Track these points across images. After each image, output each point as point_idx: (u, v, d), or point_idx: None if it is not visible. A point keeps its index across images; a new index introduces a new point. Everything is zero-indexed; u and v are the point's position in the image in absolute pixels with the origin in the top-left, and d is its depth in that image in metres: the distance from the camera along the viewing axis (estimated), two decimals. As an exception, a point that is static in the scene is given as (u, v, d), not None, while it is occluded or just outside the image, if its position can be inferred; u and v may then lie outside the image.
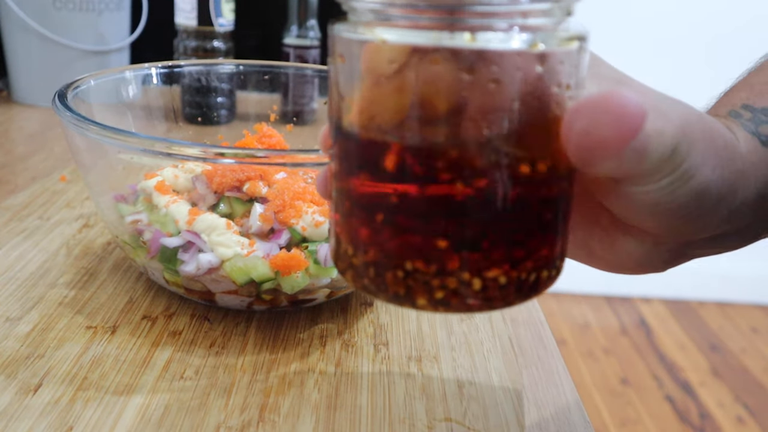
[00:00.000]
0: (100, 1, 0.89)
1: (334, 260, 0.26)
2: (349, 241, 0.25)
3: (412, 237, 0.23)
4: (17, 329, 0.39)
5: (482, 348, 0.42)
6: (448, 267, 0.23)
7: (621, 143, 0.22)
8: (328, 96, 0.25)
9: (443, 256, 0.22)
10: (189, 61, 0.58)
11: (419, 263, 0.23)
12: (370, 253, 0.24)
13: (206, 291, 0.41)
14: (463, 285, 0.23)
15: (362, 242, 0.24)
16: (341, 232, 0.25)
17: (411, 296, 0.23)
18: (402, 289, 0.23)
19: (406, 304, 0.24)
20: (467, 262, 0.22)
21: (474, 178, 0.22)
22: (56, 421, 0.32)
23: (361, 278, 0.24)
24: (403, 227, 0.23)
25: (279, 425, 0.34)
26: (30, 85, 0.91)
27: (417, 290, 0.23)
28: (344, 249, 0.25)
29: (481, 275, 0.23)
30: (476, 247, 0.22)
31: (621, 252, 0.29)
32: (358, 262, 0.24)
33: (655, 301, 2.09)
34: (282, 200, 0.42)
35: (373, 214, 0.23)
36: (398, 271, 0.23)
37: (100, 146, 0.40)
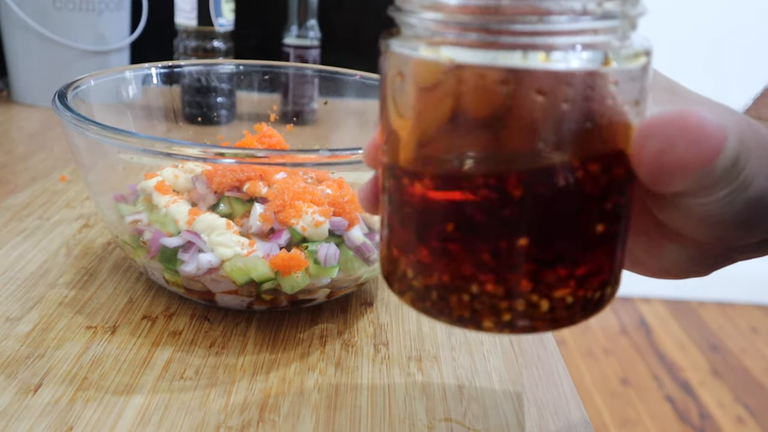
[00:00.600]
0: (100, 1, 0.89)
1: (389, 281, 0.26)
2: (408, 263, 0.24)
3: (480, 259, 0.22)
4: (17, 329, 0.39)
5: (482, 348, 0.42)
6: (518, 289, 0.22)
7: (699, 165, 0.21)
8: (381, 112, 0.24)
9: (513, 278, 0.22)
10: (189, 61, 0.58)
11: (488, 286, 0.22)
12: (434, 277, 0.23)
13: (206, 291, 0.41)
14: (531, 307, 0.23)
15: (424, 264, 0.23)
16: (398, 254, 0.25)
17: (477, 319, 0.23)
18: (467, 312, 0.23)
19: (471, 326, 0.23)
20: (537, 284, 0.22)
21: (546, 199, 0.21)
22: (56, 421, 0.32)
23: (422, 301, 0.24)
24: (471, 249, 0.22)
25: (279, 425, 0.34)
26: (30, 85, 0.91)
27: (483, 313, 0.23)
28: (402, 271, 0.25)
29: (550, 296, 0.23)
30: (546, 267, 0.22)
31: (666, 259, 0.29)
32: (419, 285, 0.24)
33: (655, 301, 2.09)
34: (282, 200, 0.42)
35: (438, 236, 0.23)
36: (464, 294, 0.23)
37: (100, 146, 0.40)
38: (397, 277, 0.25)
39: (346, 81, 0.56)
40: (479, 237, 0.22)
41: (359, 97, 0.56)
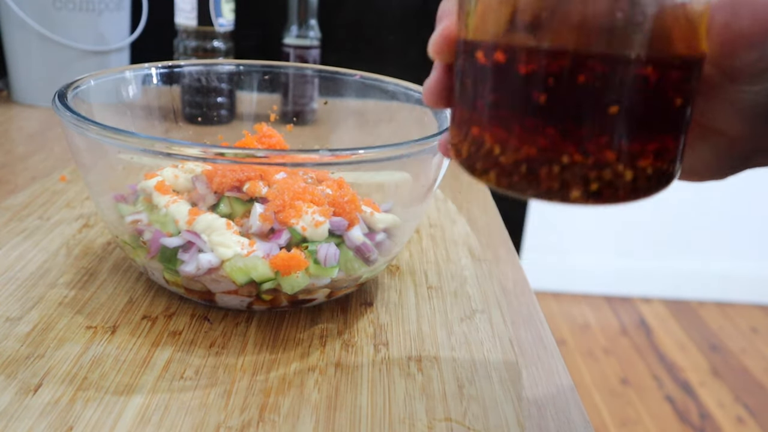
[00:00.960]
0: (100, 1, 0.89)
1: (469, 163, 0.27)
2: (494, 140, 0.26)
3: (573, 131, 0.24)
4: (17, 329, 0.39)
5: (482, 348, 0.42)
6: (606, 158, 0.24)
7: (762, 35, 0.23)
8: None
9: (602, 149, 0.24)
10: (189, 61, 0.58)
11: (578, 156, 0.24)
12: (523, 150, 0.25)
13: (206, 291, 0.41)
14: (617, 176, 0.25)
15: (514, 139, 0.25)
16: (482, 133, 0.26)
17: (565, 190, 0.25)
18: (556, 183, 0.25)
19: (557, 198, 0.25)
20: (623, 154, 0.24)
21: (627, 73, 0.23)
22: (56, 421, 0.32)
23: (509, 176, 0.26)
24: (563, 122, 0.24)
25: (279, 425, 0.34)
26: (30, 85, 0.91)
27: (572, 183, 0.25)
28: (487, 149, 0.26)
29: (634, 166, 0.25)
30: (632, 138, 0.24)
31: (695, 157, 0.31)
32: (506, 161, 0.26)
33: (655, 301, 2.08)
34: (282, 200, 0.42)
35: (532, 111, 0.24)
36: (555, 165, 0.25)
37: (100, 146, 0.40)
38: (481, 156, 0.27)
39: (346, 81, 0.56)
40: (572, 110, 0.24)
41: (359, 97, 0.56)
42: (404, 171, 0.44)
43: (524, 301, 0.50)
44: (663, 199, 2.13)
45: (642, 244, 2.06)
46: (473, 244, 0.57)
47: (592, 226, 2.04)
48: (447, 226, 0.60)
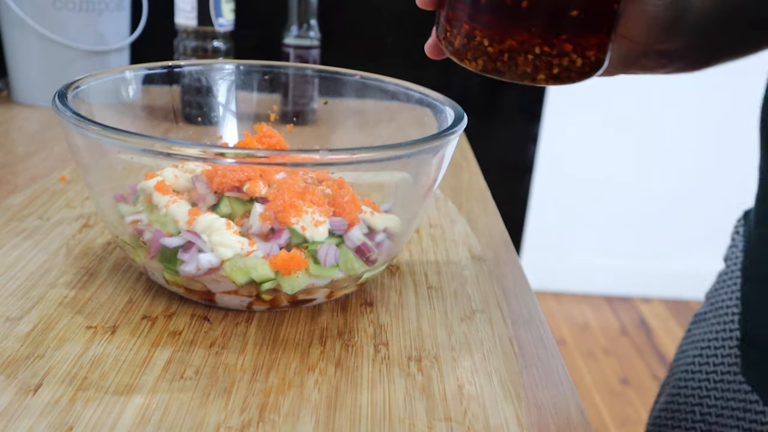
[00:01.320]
0: (100, 1, 0.89)
1: (461, 52, 0.36)
2: (484, 34, 0.35)
3: (543, 29, 0.34)
4: (17, 329, 0.39)
5: (482, 348, 0.42)
6: (565, 50, 0.34)
7: None
8: None
9: (563, 43, 0.34)
10: (189, 61, 0.58)
11: (546, 48, 0.34)
12: (507, 43, 0.34)
13: (206, 291, 0.41)
14: (572, 63, 0.35)
15: (500, 34, 0.34)
16: (473, 26, 0.35)
17: (534, 73, 0.35)
18: (530, 68, 0.34)
19: (527, 79, 0.35)
20: (578, 46, 0.34)
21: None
22: (56, 421, 0.32)
23: (495, 62, 0.35)
24: (538, 21, 0.33)
25: (279, 425, 0.34)
26: (30, 85, 0.91)
27: (540, 68, 0.35)
28: (478, 42, 0.35)
29: (584, 55, 0.35)
30: (584, 34, 0.34)
31: None
32: (493, 50, 0.35)
33: (655, 301, 2.09)
34: (282, 200, 0.42)
35: (514, 14, 0.33)
36: (529, 55, 0.34)
37: (100, 146, 0.40)
38: (472, 47, 0.35)
39: (346, 81, 0.56)
40: (545, 13, 0.33)
41: (359, 97, 0.56)
42: (404, 171, 0.44)
43: (524, 301, 0.50)
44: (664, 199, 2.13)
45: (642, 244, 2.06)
46: (473, 244, 0.57)
47: (592, 226, 2.04)
48: (447, 226, 0.60)
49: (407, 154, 0.39)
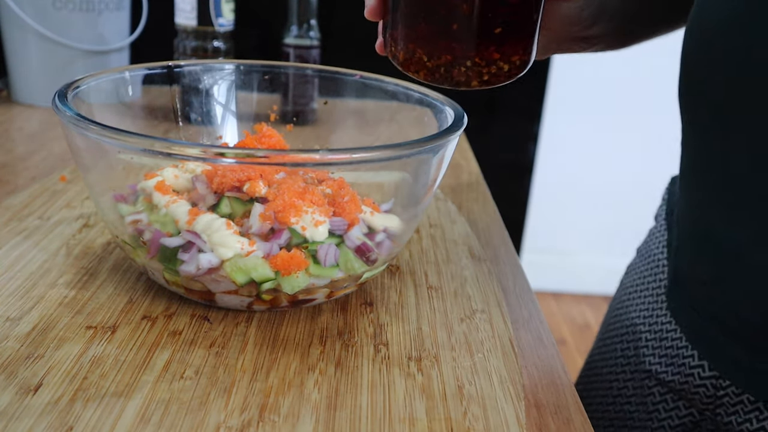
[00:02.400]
0: (100, 1, 0.89)
1: (406, 65, 0.41)
2: (423, 51, 0.40)
3: (474, 44, 0.38)
4: (17, 329, 0.39)
5: (482, 348, 0.42)
6: (494, 59, 0.39)
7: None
8: None
9: (492, 54, 0.39)
10: (189, 61, 0.58)
11: (477, 60, 0.39)
12: (443, 58, 0.39)
13: (206, 291, 0.41)
14: (500, 69, 0.40)
15: (437, 51, 0.39)
16: (414, 45, 0.40)
17: (468, 81, 0.40)
18: (463, 78, 0.40)
19: (462, 86, 0.40)
20: (504, 55, 0.39)
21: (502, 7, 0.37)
22: (56, 421, 0.32)
23: (433, 74, 0.40)
24: (468, 38, 0.38)
25: (279, 425, 0.34)
26: (30, 85, 0.91)
27: (473, 77, 0.40)
28: (418, 57, 0.40)
29: (510, 61, 0.40)
30: (510, 45, 0.39)
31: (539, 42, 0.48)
32: (432, 65, 0.40)
33: (655, 301, 2.08)
34: (282, 200, 0.42)
35: (448, 34, 0.38)
36: (462, 67, 0.39)
37: (100, 146, 0.40)
38: (413, 61, 0.40)
39: (346, 81, 0.56)
40: (475, 32, 0.38)
41: (359, 97, 0.56)
42: (404, 171, 0.44)
43: (524, 301, 0.50)
44: (663, 199, 2.10)
45: (642, 244, 2.06)
46: (473, 244, 0.57)
47: (592, 226, 2.04)
48: (447, 226, 0.60)
49: (407, 154, 0.39)
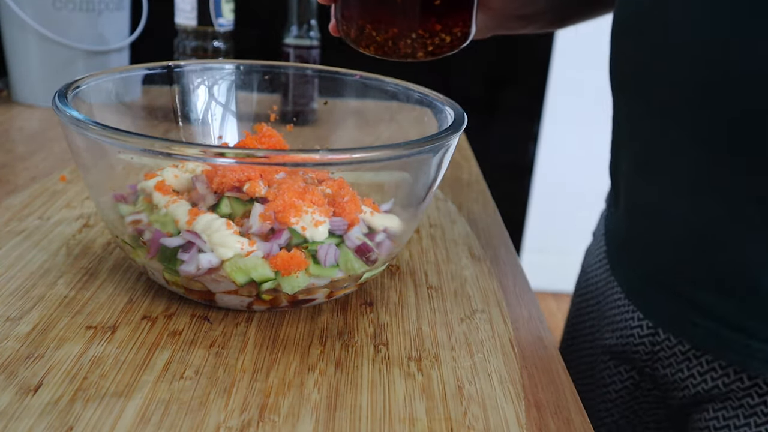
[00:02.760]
0: (100, 1, 0.89)
1: (357, 41, 0.45)
2: (372, 27, 0.44)
3: (417, 17, 0.42)
4: (17, 329, 0.39)
5: (482, 348, 0.42)
6: (436, 31, 0.43)
7: None
8: None
9: (434, 25, 0.43)
10: (189, 61, 0.58)
11: (421, 32, 0.43)
12: (390, 32, 0.43)
13: (206, 291, 0.41)
14: (442, 40, 0.44)
15: (384, 26, 0.43)
16: (364, 21, 0.44)
17: (414, 53, 0.44)
18: (410, 49, 0.44)
19: (410, 58, 0.44)
20: (446, 27, 0.43)
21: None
22: (56, 421, 0.32)
23: (382, 48, 0.44)
24: (411, 13, 0.42)
25: (279, 425, 0.34)
26: (30, 85, 0.91)
27: (419, 48, 0.44)
28: (368, 33, 0.44)
29: (452, 32, 0.44)
30: (450, 17, 0.43)
31: (479, 21, 0.52)
32: (380, 39, 0.44)
33: (655, 301, 2.08)
34: (282, 200, 0.42)
35: (394, 10, 0.42)
36: (408, 39, 0.43)
37: (100, 146, 0.40)
38: (364, 37, 0.44)
39: (346, 81, 0.56)
40: (414, 4, 0.42)
41: (359, 97, 0.56)
42: (404, 171, 0.44)
43: (524, 301, 0.50)
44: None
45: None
46: (473, 244, 0.57)
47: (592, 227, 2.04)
48: (447, 226, 0.60)
49: (407, 154, 0.39)
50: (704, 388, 0.51)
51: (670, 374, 0.54)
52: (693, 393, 0.52)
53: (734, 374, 0.49)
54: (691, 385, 0.53)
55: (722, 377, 0.50)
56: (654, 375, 0.57)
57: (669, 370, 0.54)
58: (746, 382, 0.49)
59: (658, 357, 0.55)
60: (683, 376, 0.53)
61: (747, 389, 0.49)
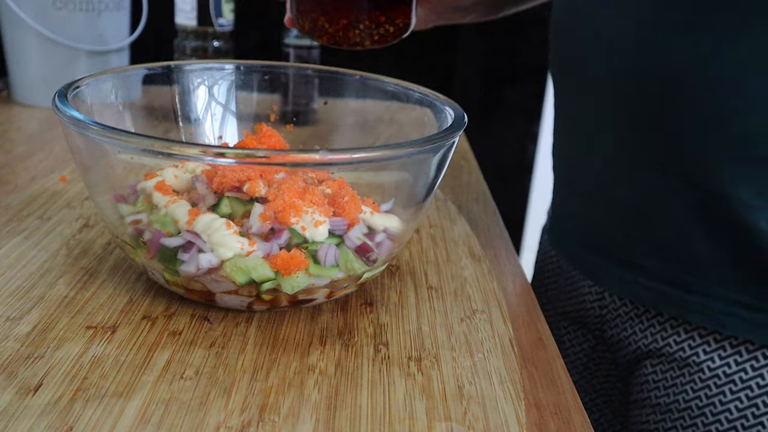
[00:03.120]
0: (100, 1, 0.89)
1: (311, 32, 0.50)
2: (324, 20, 0.49)
3: (364, 9, 0.48)
4: (17, 329, 0.39)
5: (482, 348, 0.42)
6: (381, 22, 0.49)
7: None
8: None
9: (379, 17, 0.48)
10: (189, 61, 0.58)
11: (368, 23, 0.48)
12: (341, 23, 0.49)
13: (206, 291, 0.41)
14: (386, 30, 0.49)
15: (335, 18, 0.48)
16: (317, 15, 0.49)
17: (362, 41, 0.49)
18: (358, 38, 0.49)
19: (359, 46, 0.50)
20: (389, 18, 0.49)
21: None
22: (56, 421, 0.32)
23: (333, 38, 0.49)
24: (361, 8, 0.47)
25: (279, 425, 0.34)
26: (30, 85, 0.91)
27: (366, 38, 0.49)
28: (321, 24, 0.49)
29: (395, 23, 0.49)
30: (393, 10, 0.48)
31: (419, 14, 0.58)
32: (332, 30, 0.49)
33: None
34: (282, 200, 0.42)
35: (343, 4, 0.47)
36: (356, 30, 0.49)
37: (100, 146, 0.40)
38: (317, 28, 0.50)
39: (346, 81, 0.56)
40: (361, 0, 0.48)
41: (359, 97, 0.56)
42: (404, 171, 0.44)
43: (524, 301, 0.50)
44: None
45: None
46: (473, 244, 0.57)
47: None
48: (447, 226, 0.60)
49: (407, 154, 0.39)
50: (645, 344, 0.58)
51: (617, 334, 0.61)
52: (635, 349, 0.59)
53: (671, 329, 0.56)
54: (633, 342, 0.59)
55: (660, 332, 0.56)
56: (603, 336, 0.63)
57: (615, 330, 0.61)
58: (682, 335, 0.55)
59: (606, 319, 0.62)
60: (627, 334, 0.59)
61: (681, 343, 0.55)
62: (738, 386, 0.52)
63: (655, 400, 0.57)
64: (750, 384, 0.52)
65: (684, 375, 0.55)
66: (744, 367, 0.52)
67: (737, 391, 0.52)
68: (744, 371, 0.52)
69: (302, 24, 0.51)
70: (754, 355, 0.52)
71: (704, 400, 0.54)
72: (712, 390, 0.54)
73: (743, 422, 0.52)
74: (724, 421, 0.53)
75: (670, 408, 0.56)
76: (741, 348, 0.52)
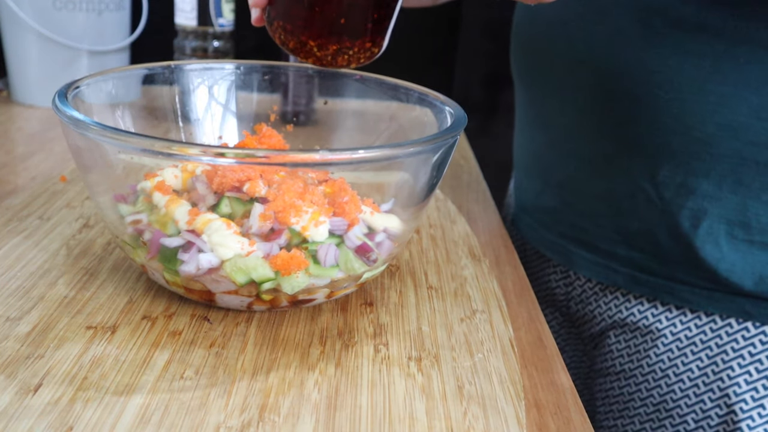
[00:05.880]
0: (100, 1, 0.89)
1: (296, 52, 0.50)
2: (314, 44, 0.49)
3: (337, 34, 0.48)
4: (17, 329, 0.39)
5: (482, 348, 0.42)
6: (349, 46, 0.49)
7: None
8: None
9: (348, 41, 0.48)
10: (189, 61, 0.58)
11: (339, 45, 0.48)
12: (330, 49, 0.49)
13: (206, 291, 0.41)
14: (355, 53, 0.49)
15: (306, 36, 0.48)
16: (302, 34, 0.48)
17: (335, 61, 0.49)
18: (330, 57, 0.49)
19: (331, 65, 0.50)
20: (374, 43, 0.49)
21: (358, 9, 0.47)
22: (56, 421, 0.32)
23: (320, 61, 0.49)
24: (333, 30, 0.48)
25: (279, 425, 0.34)
26: (30, 85, 0.91)
27: (353, 60, 0.50)
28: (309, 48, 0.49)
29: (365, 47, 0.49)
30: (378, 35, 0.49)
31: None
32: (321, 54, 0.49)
33: (655, 301, 2.08)
34: (282, 200, 0.42)
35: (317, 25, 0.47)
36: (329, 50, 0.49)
37: (100, 146, 0.40)
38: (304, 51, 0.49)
39: (346, 81, 0.56)
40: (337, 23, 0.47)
41: (359, 97, 0.56)
42: (404, 171, 0.44)
43: (524, 301, 0.50)
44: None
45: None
46: (473, 244, 0.57)
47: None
48: (447, 226, 0.60)
49: (407, 154, 0.39)
50: (609, 315, 0.62)
51: (581, 309, 0.65)
52: (599, 322, 0.63)
53: (634, 299, 0.60)
54: (598, 315, 0.63)
55: (624, 303, 0.61)
56: (569, 313, 0.68)
57: (580, 306, 0.65)
58: (645, 305, 0.60)
59: (572, 296, 0.66)
60: (592, 308, 0.64)
61: (644, 312, 0.60)
62: (699, 347, 0.57)
63: (620, 367, 0.61)
64: (710, 344, 0.57)
65: (647, 341, 0.59)
66: (703, 329, 0.57)
67: (698, 352, 0.57)
68: (704, 333, 0.57)
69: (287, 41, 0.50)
70: (713, 318, 0.57)
71: (667, 362, 0.58)
72: (674, 353, 0.58)
73: (704, 379, 0.57)
74: (686, 380, 0.58)
75: (634, 374, 0.60)
76: (701, 312, 0.57)
